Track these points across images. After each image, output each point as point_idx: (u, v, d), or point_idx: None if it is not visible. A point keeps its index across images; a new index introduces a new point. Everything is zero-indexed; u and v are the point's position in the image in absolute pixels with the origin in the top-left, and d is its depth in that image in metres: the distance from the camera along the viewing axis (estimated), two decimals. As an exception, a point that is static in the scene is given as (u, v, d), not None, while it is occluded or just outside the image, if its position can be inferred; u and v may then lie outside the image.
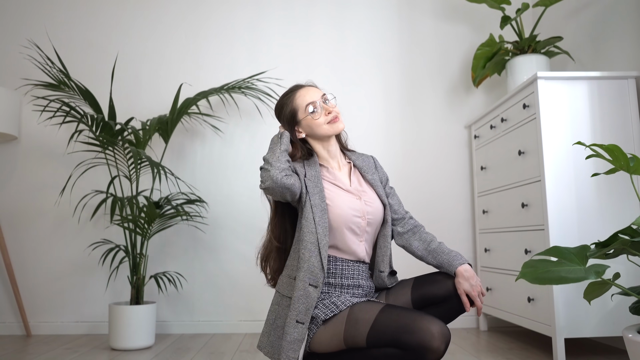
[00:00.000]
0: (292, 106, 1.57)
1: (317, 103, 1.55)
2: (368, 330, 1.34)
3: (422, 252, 1.60)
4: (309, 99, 1.55)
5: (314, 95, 1.56)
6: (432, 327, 1.26)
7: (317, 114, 1.54)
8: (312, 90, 1.59)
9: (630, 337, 1.42)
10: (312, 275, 1.45)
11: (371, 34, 3.09)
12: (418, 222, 1.68)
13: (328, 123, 1.55)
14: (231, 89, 2.72)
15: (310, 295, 1.44)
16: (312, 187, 1.52)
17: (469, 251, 2.91)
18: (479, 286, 1.48)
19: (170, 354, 2.30)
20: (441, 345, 1.26)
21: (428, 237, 1.62)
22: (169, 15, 3.08)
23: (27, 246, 2.89)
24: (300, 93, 1.58)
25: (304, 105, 1.55)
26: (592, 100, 2.10)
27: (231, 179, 2.96)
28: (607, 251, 1.50)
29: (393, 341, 1.30)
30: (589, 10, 2.53)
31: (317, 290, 1.45)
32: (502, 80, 3.02)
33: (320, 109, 1.55)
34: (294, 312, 1.43)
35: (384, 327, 1.32)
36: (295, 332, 1.42)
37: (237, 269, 2.89)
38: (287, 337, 1.42)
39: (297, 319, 1.42)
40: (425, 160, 3.00)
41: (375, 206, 1.57)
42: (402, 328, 1.29)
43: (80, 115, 2.46)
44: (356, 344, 1.38)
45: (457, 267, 1.49)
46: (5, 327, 2.82)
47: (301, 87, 1.61)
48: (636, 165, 1.46)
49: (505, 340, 2.49)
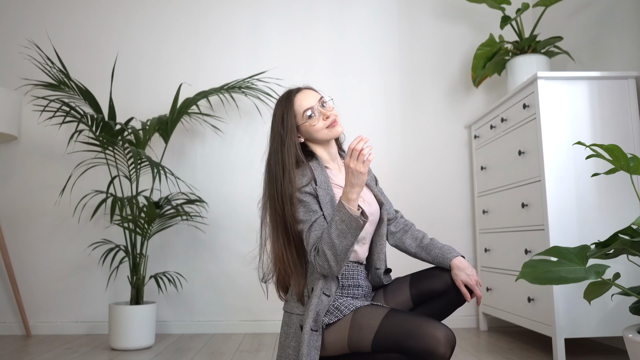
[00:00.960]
0: (290, 113, 1.52)
1: (314, 108, 1.50)
2: (373, 336, 1.33)
3: (415, 249, 1.60)
4: (306, 105, 1.51)
5: (311, 100, 1.52)
6: (437, 333, 1.26)
7: (314, 119, 1.50)
8: (309, 94, 1.54)
9: (630, 337, 1.42)
10: (327, 285, 1.45)
11: (371, 33, 3.09)
12: (408, 220, 1.70)
13: (327, 128, 1.51)
14: (231, 89, 2.72)
15: (323, 302, 1.43)
16: (324, 195, 1.47)
17: (469, 251, 2.91)
18: (475, 275, 1.49)
19: (170, 354, 2.30)
20: (447, 351, 1.25)
21: (419, 234, 1.63)
22: (168, 15, 3.08)
23: (27, 246, 2.89)
24: (298, 98, 1.53)
25: (301, 111, 1.51)
26: (592, 100, 2.10)
27: (231, 179, 2.96)
28: (607, 251, 1.50)
29: (398, 347, 1.29)
30: (589, 10, 2.53)
31: (329, 299, 1.44)
32: (502, 80, 3.02)
33: (317, 114, 1.50)
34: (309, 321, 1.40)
35: (389, 332, 1.31)
36: (312, 340, 1.40)
37: (237, 269, 2.89)
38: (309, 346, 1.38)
39: (312, 327, 1.41)
40: (425, 160, 3.00)
41: (373, 206, 1.57)
42: (408, 334, 1.28)
43: (80, 115, 2.46)
44: (361, 349, 1.37)
45: (452, 260, 1.50)
46: (5, 327, 2.82)
47: (298, 91, 1.55)
48: (636, 165, 1.46)
49: (505, 340, 2.49)
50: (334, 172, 1.58)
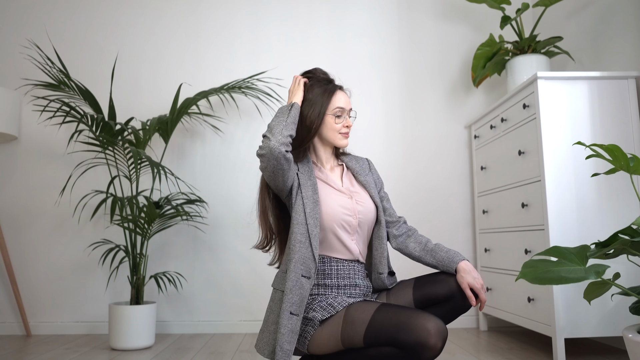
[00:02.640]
0: (328, 97, 1.59)
1: (345, 110, 1.61)
2: (365, 330, 1.34)
3: (419, 253, 1.60)
4: (343, 104, 1.61)
5: (347, 104, 1.63)
6: (428, 324, 1.26)
7: (339, 120, 1.60)
8: (347, 97, 1.65)
9: (630, 337, 1.42)
10: (304, 266, 1.46)
11: (371, 33, 3.09)
12: (412, 226, 1.70)
13: (340, 133, 1.61)
14: (231, 89, 2.72)
15: (304, 286, 1.44)
16: (305, 180, 1.54)
17: (469, 251, 2.91)
18: (481, 279, 1.49)
19: (170, 354, 2.30)
20: (438, 342, 1.25)
21: (423, 239, 1.63)
22: (168, 15, 3.08)
23: (27, 246, 2.89)
24: (340, 93, 1.62)
25: (335, 105, 1.59)
26: (592, 100, 2.10)
27: (231, 179, 2.96)
28: (607, 251, 1.50)
29: (390, 340, 1.29)
30: (589, 10, 2.53)
31: (309, 281, 1.45)
32: (502, 80, 3.02)
33: (343, 119, 1.61)
34: (287, 304, 1.42)
35: (381, 326, 1.32)
36: (290, 323, 1.41)
37: (237, 269, 2.89)
38: (281, 329, 1.41)
39: (291, 310, 1.42)
40: (426, 160, 3.00)
41: (366, 206, 1.58)
42: (398, 326, 1.28)
43: (80, 115, 2.46)
44: (354, 344, 1.37)
45: (459, 263, 1.50)
46: (5, 327, 2.82)
47: (341, 88, 1.65)
48: (636, 165, 1.46)
49: (505, 340, 2.50)
50: (323, 170, 1.63)
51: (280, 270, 1.57)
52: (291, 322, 1.41)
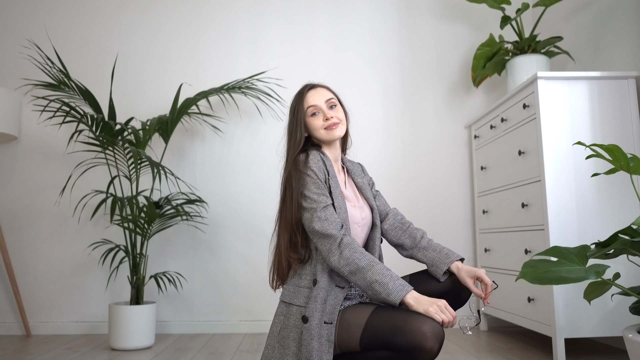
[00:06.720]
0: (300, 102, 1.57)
1: (318, 106, 1.54)
2: (360, 334, 1.32)
3: (410, 250, 1.59)
4: (312, 102, 1.55)
5: (317, 99, 1.55)
6: (423, 327, 1.23)
7: (316, 117, 1.54)
8: (319, 92, 1.57)
9: (630, 337, 1.42)
10: (339, 277, 1.44)
11: (371, 33, 3.09)
12: (406, 218, 1.68)
13: (324, 129, 1.54)
14: (231, 89, 2.72)
15: (338, 296, 1.42)
16: (335, 187, 1.49)
17: (469, 251, 2.91)
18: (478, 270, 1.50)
19: (170, 354, 2.30)
20: (434, 345, 1.23)
21: (418, 234, 1.61)
22: (169, 15, 3.08)
23: (27, 246, 2.89)
24: (309, 93, 1.57)
25: (306, 106, 1.55)
26: (592, 100, 2.10)
27: (231, 179, 2.96)
28: (607, 251, 1.50)
29: (386, 344, 1.28)
30: (589, 10, 2.53)
31: (343, 291, 1.43)
32: (502, 80, 3.02)
33: (319, 113, 1.54)
34: (318, 314, 1.37)
35: (376, 330, 1.30)
36: (326, 332, 1.37)
37: (237, 269, 2.89)
38: (320, 339, 1.36)
39: (325, 319, 1.38)
40: (426, 160, 3.00)
41: (366, 211, 1.58)
42: (394, 330, 1.26)
43: (80, 115, 2.46)
44: (350, 349, 1.36)
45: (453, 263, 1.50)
46: (5, 327, 2.82)
47: (312, 87, 1.60)
48: (636, 165, 1.46)
49: (505, 340, 2.49)
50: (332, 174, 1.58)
51: (293, 284, 1.49)
52: (327, 332, 1.37)
